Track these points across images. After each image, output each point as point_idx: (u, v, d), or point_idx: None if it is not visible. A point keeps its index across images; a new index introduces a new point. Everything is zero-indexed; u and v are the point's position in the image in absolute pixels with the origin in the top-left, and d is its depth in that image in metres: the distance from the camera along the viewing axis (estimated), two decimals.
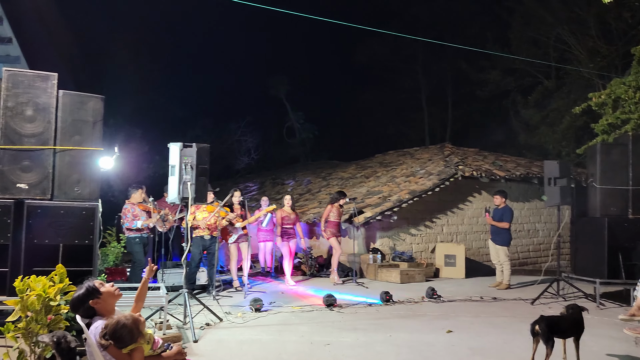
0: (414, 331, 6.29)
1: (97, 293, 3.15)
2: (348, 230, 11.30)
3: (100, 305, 3.13)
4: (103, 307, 3.09)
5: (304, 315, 7.17)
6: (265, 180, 20.32)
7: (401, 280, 10.14)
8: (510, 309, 7.73)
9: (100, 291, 3.16)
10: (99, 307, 3.13)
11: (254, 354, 5.29)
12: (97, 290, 3.16)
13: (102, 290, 3.18)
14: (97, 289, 3.17)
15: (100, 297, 3.15)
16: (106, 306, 3.14)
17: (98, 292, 3.15)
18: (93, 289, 3.17)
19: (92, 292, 3.16)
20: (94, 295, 3.14)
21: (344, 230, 10.91)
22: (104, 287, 3.23)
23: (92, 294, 3.15)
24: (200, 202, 6.41)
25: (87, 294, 3.15)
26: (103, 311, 3.08)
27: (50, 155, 5.43)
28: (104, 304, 3.13)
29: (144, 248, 8.33)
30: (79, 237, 5.39)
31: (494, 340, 5.88)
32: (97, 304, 3.12)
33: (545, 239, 14.19)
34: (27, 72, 5.41)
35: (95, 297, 3.14)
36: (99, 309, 3.10)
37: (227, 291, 8.99)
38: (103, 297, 3.15)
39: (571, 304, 5.07)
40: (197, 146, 6.21)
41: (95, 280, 3.27)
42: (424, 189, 11.65)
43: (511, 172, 13.19)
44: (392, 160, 16.95)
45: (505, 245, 9.63)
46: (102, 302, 3.13)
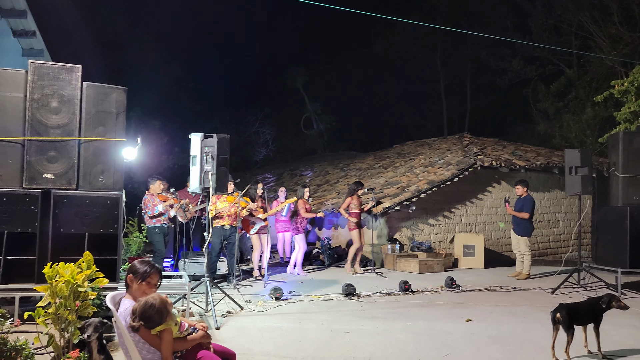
0: (433, 320, 6.32)
1: (145, 278, 3.21)
2: (366, 221, 11.33)
3: (133, 288, 3.21)
4: (134, 290, 3.17)
5: (323, 304, 7.23)
6: (283, 172, 20.41)
7: (420, 270, 10.16)
8: (530, 298, 7.70)
9: (148, 280, 3.24)
10: (133, 287, 3.21)
11: (275, 341, 5.37)
12: (148, 275, 3.22)
13: (144, 283, 3.23)
14: (148, 275, 3.22)
15: (142, 282, 3.21)
16: (136, 292, 3.20)
17: (146, 277, 3.22)
18: (148, 273, 3.22)
19: (145, 275, 3.21)
20: (144, 277, 3.19)
21: (362, 220, 10.93)
22: (151, 285, 3.26)
23: (144, 275, 3.20)
24: (221, 191, 6.48)
25: (145, 269, 3.21)
26: (132, 293, 3.16)
27: (75, 146, 5.54)
28: (137, 288, 3.20)
29: (164, 238, 8.46)
30: (103, 226, 5.50)
31: (514, 329, 5.87)
32: (132, 282, 3.19)
33: (566, 229, 14.06)
34: (52, 64, 5.52)
35: (141, 278, 3.19)
36: (131, 289, 3.19)
37: (247, 280, 9.11)
38: (141, 287, 3.21)
39: (606, 294, 5.00)
40: (217, 136, 6.28)
41: (156, 274, 3.31)
42: (443, 179, 11.61)
43: (531, 162, 13.06)
44: (410, 150, 16.90)
45: (526, 235, 9.57)
46: (137, 286, 3.20)
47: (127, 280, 3.22)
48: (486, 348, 5.16)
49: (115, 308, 3.03)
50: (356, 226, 10.07)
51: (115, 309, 3.01)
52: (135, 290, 3.17)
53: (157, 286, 3.27)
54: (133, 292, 3.18)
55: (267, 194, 11.90)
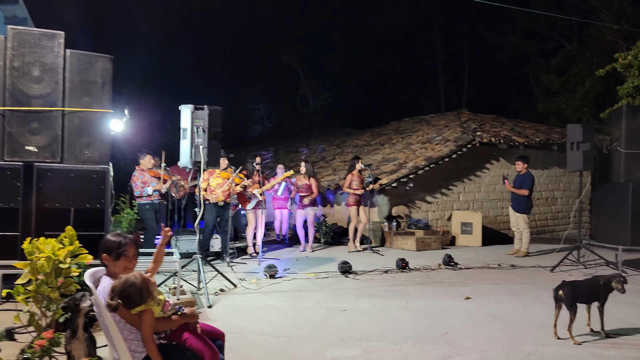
0: (431, 298, 6.17)
1: (120, 254, 2.94)
2: (363, 198, 11.13)
3: (110, 266, 2.96)
4: (112, 268, 2.94)
5: (318, 282, 7.07)
6: (279, 149, 20.16)
7: (417, 248, 10.01)
8: (530, 276, 7.57)
9: (125, 254, 2.96)
10: (110, 265, 2.95)
11: (269, 320, 5.21)
12: (123, 251, 2.95)
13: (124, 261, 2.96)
14: (124, 250, 2.95)
15: (118, 260, 2.94)
16: (116, 269, 2.96)
17: (121, 253, 2.94)
18: (123, 248, 2.95)
19: (120, 251, 2.94)
20: (119, 253, 2.92)
21: (361, 197, 10.69)
22: (130, 258, 2.99)
23: (119, 252, 2.92)
24: (213, 166, 6.26)
25: (117, 245, 2.93)
26: (111, 272, 2.94)
27: (59, 117, 5.29)
28: (116, 265, 2.95)
29: (156, 214, 8.25)
30: (90, 201, 5.29)
31: (514, 307, 5.73)
32: (108, 261, 2.94)
33: (564, 207, 13.93)
34: (33, 30, 5.24)
35: (115, 255, 2.92)
36: (109, 268, 2.95)
37: (241, 258, 8.94)
38: (119, 263, 2.94)
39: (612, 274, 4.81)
40: (209, 108, 6.02)
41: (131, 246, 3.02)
42: (441, 156, 11.41)
43: (530, 139, 12.86)
44: (407, 127, 16.65)
45: (525, 212, 9.41)
46: (114, 264, 2.95)
47: (102, 260, 2.98)
48: (486, 326, 5.01)
49: (95, 285, 2.82)
50: (355, 203, 9.88)
51: (94, 286, 2.80)
52: (113, 267, 2.93)
53: (136, 257, 3.04)
54: (112, 270, 2.94)
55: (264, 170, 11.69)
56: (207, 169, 6.36)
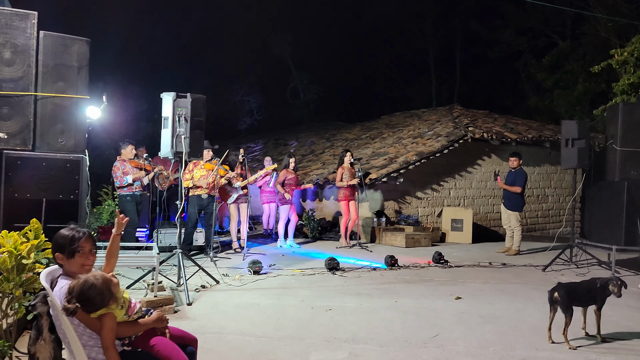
0: (421, 297, 5.96)
1: (73, 251, 2.60)
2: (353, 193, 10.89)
3: (65, 265, 2.63)
4: (68, 267, 2.62)
5: (305, 279, 6.84)
6: (267, 141, 19.86)
7: (406, 245, 9.80)
8: (521, 275, 7.39)
9: (79, 251, 2.61)
10: (65, 265, 2.62)
11: (251, 319, 4.96)
12: (77, 247, 2.60)
13: (80, 258, 2.63)
14: (78, 246, 2.61)
15: (74, 257, 2.61)
16: (72, 267, 2.63)
17: (75, 250, 2.62)
18: (76, 243, 2.61)
19: (72, 247, 2.60)
20: (72, 250, 2.58)
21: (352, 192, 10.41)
22: (86, 253, 2.65)
23: (72, 248, 2.59)
24: (195, 157, 5.98)
25: (69, 241, 2.60)
26: (67, 271, 2.62)
27: (31, 103, 4.99)
28: (72, 264, 2.61)
29: (137, 207, 7.96)
30: (63, 191, 5.01)
31: (506, 308, 5.53)
32: (62, 260, 2.61)
33: (555, 205, 13.81)
34: (3, 9, 4.92)
35: (69, 252, 2.59)
36: (65, 268, 2.63)
37: (225, 253, 8.67)
38: (74, 261, 2.62)
39: (610, 277, 4.61)
40: (191, 96, 5.74)
41: (86, 241, 2.68)
42: (432, 151, 11.20)
43: (523, 135, 12.69)
44: (398, 121, 16.44)
45: (517, 210, 9.22)
46: (69, 262, 2.61)
47: (55, 260, 2.65)
48: (477, 329, 4.80)
49: (51, 286, 2.54)
50: (345, 198, 9.63)
51: (50, 286, 2.52)
52: (69, 266, 2.61)
53: (94, 252, 2.70)
54: (68, 269, 2.62)
55: (251, 163, 11.40)
56: (190, 159, 6.07)
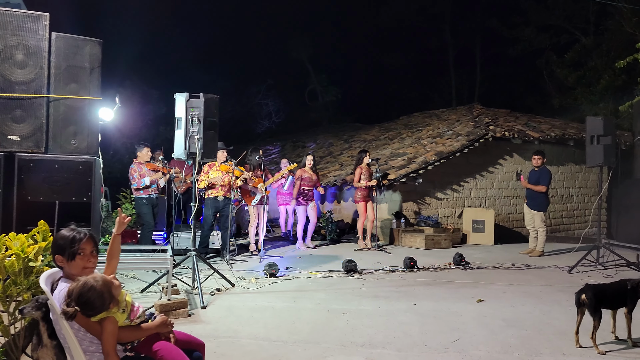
0: (441, 300, 5.78)
1: (74, 254, 2.52)
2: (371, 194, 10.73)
3: (66, 268, 2.54)
4: (68, 270, 2.53)
5: (321, 282, 6.71)
6: (285, 144, 19.80)
7: (426, 246, 9.60)
8: (546, 277, 7.15)
9: (80, 252, 2.52)
10: (65, 267, 2.54)
11: (266, 322, 4.85)
12: (77, 249, 2.52)
13: (81, 260, 2.54)
14: (79, 248, 2.51)
15: (74, 260, 2.52)
16: (73, 270, 2.54)
17: (75, 252, 2.53)
18: (77, 245, 2.51)
19: (73, 249, 2.50)
20: (73, 252, 2.49)
21: (370, 193, 10.23)
22: (87, 255, 2.56)
23: (72, 251, 2.49)
24: (208, 157, 5.90)
25: (70, 242, 2.51)
26: (68, 274, 2.54)
27: (44, 105, 4.97)
28: (72, 266, 2.52)
29: (153, 209, 7.93)
30: (76, 194, 4.96)
31: (530, 311, 5.33)
32: (63, 263, 2.52)
33: (580, 205, 13.45)
34: (15, 11, 4.90)
35: (69, 255, 2.50)
36: (65, 270, 2.54)
37: (242, 255, 8.59)
38: (75, 264, 2.52)
39: None
40: (204, 97, 5.67)
41: (87, 242, 2.58)
42: (452, 151, 10.98)
43: (546, 133, 12.39)
44: (417, 122, 16.22)
45: (541, 210, 8.95)
46: (69, 265, 2.53)
47: (55, 262, 2.56)
48: (500, 332, 4.62)
49: (51, 289, 2.45)
50: (363, 199, 9.47)
51: (49, 290, 2.43)
52: (69, 269, 2.52)
53: (95, 254, 2.60)
54: (68, 272, 2.53)
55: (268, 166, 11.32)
56: (204, 160, 5.99)
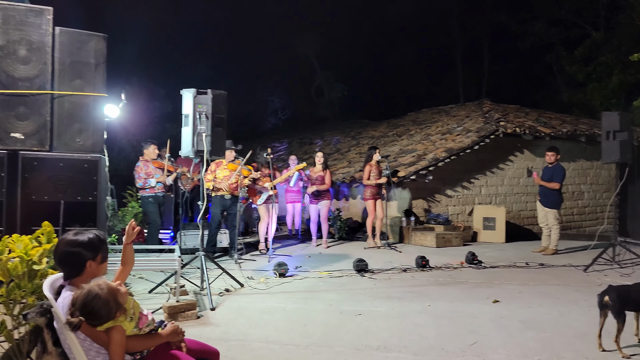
0: (455, 300, 5.63)
1: (100, 259, 2.44)
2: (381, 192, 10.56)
3: (91, 274, 2.41)
4: (91, 275, 2.40)
5: (332, 282, 6.57)
6: (292, 140, 19.65)
7: (437, 244, 9.44)
8: (562, 276, 6.98)
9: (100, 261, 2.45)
10: (90, 273, 2.41)
11: (276, 324, 4.71)
12: (102, 253, 2.45)
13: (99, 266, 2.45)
14: (101, 250, 2.45)
15: (104, 263, 2.46)
16: (98, 274, 2.43)
17: (104, 258, 2.46)
18: (100, 243, 2.45)
19: (98, 245, 2.43)
20: (94, 252, 2.40)
21: (380, 190, 10.05)
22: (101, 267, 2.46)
23: (95, 248, 2.41)
24: (217, 155, 5.76)
25: (91, 245, 2.41)
26: (78, 283, 2.36)
27: (48, 102, 4.83)
28: (98, 271, 2.43)
29: (160, 208, 7.81)
30: (81, 193, 4.83)
31: (548, 312, 5.17)
32: (92, 267, 2.40)
33: (591, 202, 13.25)
34: (18, 5, 4.77)
35: (93, 257, 2.40)
36: (77, 280, 2.38)
37: (250, 254, 8.46)
38: (92, 269, 2.42)
39: None
40: (212, 93, 5.53)
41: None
42: (462, 147, 10.80)
43: (557, 129, 12.18)
44: (426, 118, 16.03)
45: (555, 207, 8.77)
46: (98, 269, 2.44)
47: (83, 269, 2.41)
48: (519, 335, 4.46)
49: (55, 296, 2.32)
50: (372, 196, 9.32)
51: (53, 297, 2.30)
52: (98, 272, 2.41)
53: (104, 261, 2.49)
54: (84, 279, 2.37)
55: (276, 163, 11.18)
56: (212, 158, 5.84)
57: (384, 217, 9.43)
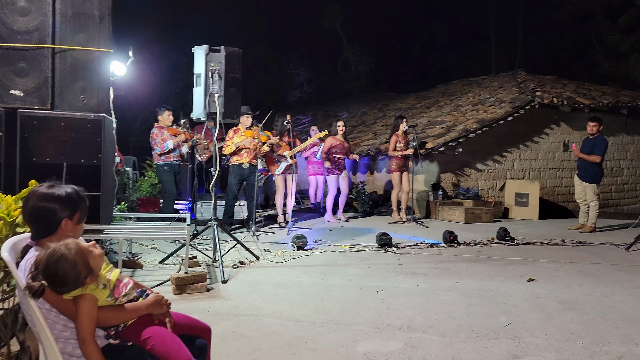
0: (486, 278, 5.20)
1: (78, 218, 2.08)
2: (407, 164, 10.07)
3: (64, 234, 2.01)
4: (54, 240, 1.96)
5: (353, 256, 6.19)
6: (317, 113, 19.19)
7: (465, 220, 8.97)
8: (601, 255, 6.46)
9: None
10: (63, 234, 2.02)
11: (292, 300, 4.36)
12: (80, 212, 2.08)
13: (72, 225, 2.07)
14: (79, 207, 2.08)
15: (81, 223, 2.10)
16: (76, 236, 2.07)
17: (82, 218, 2.10)
18: (79, 199, 2.10)
19: (76, 202, 2.07)
20: (72, 210, 2.04)
21: (406, 162, 9.53)
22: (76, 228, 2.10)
23: (74, 205, 2.05)
24: (231, 118, 5.38)
25: (68, 201, 2.05)
26: (48, 244, 1.94)
27: (49, 56, 4.48)
28: (76, 233, 2.07)
29: (175, 177, 7.50)
30: (85, 155, 4.50)
31: (589, 293, 4.70)
32: (68, 227, 2.04)
33: (631, 179, 12.54)
34: None
35: (70, 215, 2.03)
36: (47, 240, 1.99)
37: (269, 227, 8.13)
38: (67, 229, 2.04)
39: None
40: (225, 50, 5.14)
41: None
42: (495, 118, 10.21)
43: (597, 100, 11.44)
44: (456, 89, 15.36)
45: (594, 182, 8.20)
46: (75, 230, 2.07)
47: (57, 229, 2.03)
48: (558, 317, 4.02)
49: (16, 259, 1.96)
50: (398, 168, 8.86)
51: (13, 260, 1.94)
52: (76, 234, 2.06)
53: (82, 222, 2.12)
54: (58, 239, 1.97)
55: (299, 135, 10.76)
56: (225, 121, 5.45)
57: (410, 191, 8.96)
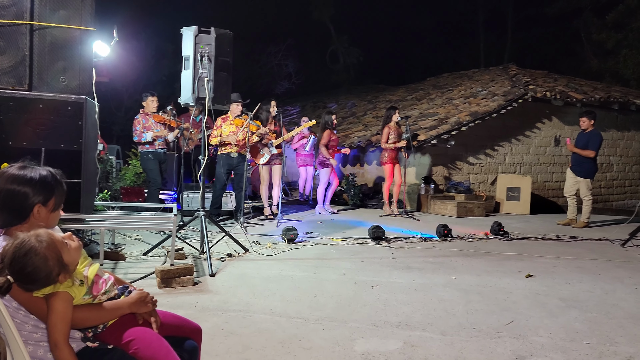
0: (483, 273, 5.04)
1: (53, 205, 1.83)
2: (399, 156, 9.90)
3: (37, 222, 1.77)
4: (25, 228, 1.73)
5: (345, 249, 6.00)
6: (306, 104, 18.94)
7: (457, 214, 8.82)
8: (598, 250, 6.35)
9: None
10: (35, 222, 1.77)
11: (283, 295, 4.15)
12: (56, 198, 1.83)
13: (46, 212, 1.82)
14: (55, 193, 1.83)
15: (58, 210, 1.86)
16: (50, 225, 1.81)
17: (58, 205, 1.85)
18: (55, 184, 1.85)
19: (52, 186, 1.82)
20: (46, 195, 1.79)
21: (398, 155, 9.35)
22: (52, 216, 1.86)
23: (49, 190, 1.81)
24: (220, 103, 5.13)
25: (43, 185, 1.80)
26: (17, 233, 1.69)
27: (27, 34, 4.21)
28: (49, 222, 1.82)
29: (160, 165, 7.23)
30: (65, 140, 4.25)
31: (590, 290, 4.56)
32: (42, 213, 1.79)
33: (620, 175, 12.52)
34: None
35: (43, 201, 1.79)
36: (17, 228, 1.75)
37: (257, 219, 7.89)
38: (40, 217, 1.80)
39: None
40: (216, 32, 4.88)
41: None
42: (488, 111, 10.06)
43: (589, 95, 11.36)
44: (446, 82, 15.21)
45: (588, 177, 8.08)
46: (49, 218, 1.82)
47: (28, 216, 1.78)
48: (561, 315, 3.86)
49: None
50: (390, 160, 8.67)
51: None
52: (50, 223, 1.81)
53: (57, 209, 1.87)
54: (27, 228, 1.74)
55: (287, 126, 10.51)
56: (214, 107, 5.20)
57: (402, 184, 8.79)
